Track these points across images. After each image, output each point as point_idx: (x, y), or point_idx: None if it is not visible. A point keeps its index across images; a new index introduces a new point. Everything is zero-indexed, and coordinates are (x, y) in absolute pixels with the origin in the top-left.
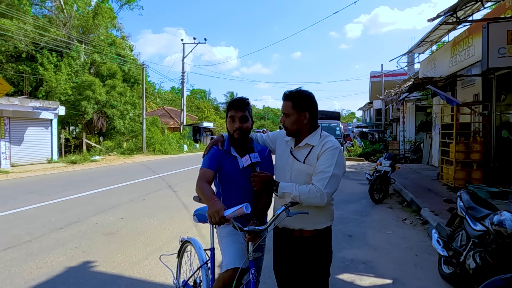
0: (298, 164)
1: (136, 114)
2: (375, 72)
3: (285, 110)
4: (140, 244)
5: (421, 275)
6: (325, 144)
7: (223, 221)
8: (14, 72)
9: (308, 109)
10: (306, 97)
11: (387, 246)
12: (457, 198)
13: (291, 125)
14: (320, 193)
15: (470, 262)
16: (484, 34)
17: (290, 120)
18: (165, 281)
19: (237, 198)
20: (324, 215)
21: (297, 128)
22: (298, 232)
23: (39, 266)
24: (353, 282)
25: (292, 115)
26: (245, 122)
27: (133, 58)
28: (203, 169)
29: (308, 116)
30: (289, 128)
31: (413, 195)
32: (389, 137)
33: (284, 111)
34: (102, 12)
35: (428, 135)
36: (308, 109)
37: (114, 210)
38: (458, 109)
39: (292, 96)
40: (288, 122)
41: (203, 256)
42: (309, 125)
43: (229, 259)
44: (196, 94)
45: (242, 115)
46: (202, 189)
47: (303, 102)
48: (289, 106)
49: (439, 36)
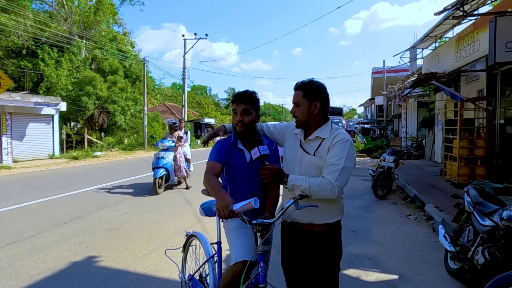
0: (307, 157)
1: (137, 110)
2: (377, 68)
3: (296, 99)
4: (144, 239)
5: (427, 270)
6: (336, 137)
7: (231, 215)
8: (15, 67)
9: (319, 99)
10: (318, 87)
11: (392, 242)
12: (464, 193)
13: (301, 115)
14: (331, 186)
15: (478, 257)
16: (492, 28)
17: (300, 110)
18: (170, 276)
19: (244, 191)
20: (334, 209)
21: (307, 119)
22: (308, 226)
23: (44, 260)
24: (359, 277)
25: (302, 104)
26: (247, 115)
27: (135, 54)
28: (210, 162)
29: (319, 106)
30: (299, 119)
31: (417, 191)
32: (391, 133)
33: (295, 101)
34: (103, 8)
35: (431, 131)
36: (319, 99)
37: (117, 206)
38: (463, 105)
39: (304, 85)
40: (298, 112)
41: (209, 250)
42: (320, 117)
43: (238, 252)
44: (197, 91)
45: (244, 108)
46: (210, 182)
47: (315, 91)
48: (300, 95)
49: (444, 31)
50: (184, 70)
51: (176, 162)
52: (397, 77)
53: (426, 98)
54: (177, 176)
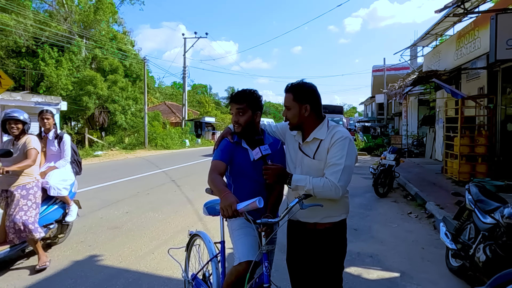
0: (308, 160)
1: (138, 109)
2: (377, 66)
3: (286, 103)
4: (145, 238)
5: (429, 268)
6: (334, 136)
7: (236, 214)
8: (15, 67)
9: (309, 101)
10: (307, 88)
11: (393, 240)
12: (466, 191)
13: (292, 118)
14: (335, 187)
15: (480, 255)
16: (492, 25)
17: (291, 113)
18: (172, 274)
19: (248, 191)
20: (339, 208)
21: (299, 121)
22: (312, 224)
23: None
24: (360, 275)
25: (293, 107)
26: (242, 115)
27: (135, 53)
28: (215, 161)
29: (309, 108)
30: (291, 122)
31: (418, 189)
32: (391, 131)
33: (286, 104)
34: (103, 7)
35: (431, 129)
36: (309, 101)
37: (119, 204)
38: (464, 103)
39: (293, 88)
40: (289, 115)
41: (212, 250)
42: (312, 118)
43: (242, 252)
44: (197, 90)
45: (238, 107)
46: (214, 181)
47: (304, 94)
48: (290, 98)
49: (444, 28)
50: (184, 69)
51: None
52: (398, 75)
53: (426, 96)
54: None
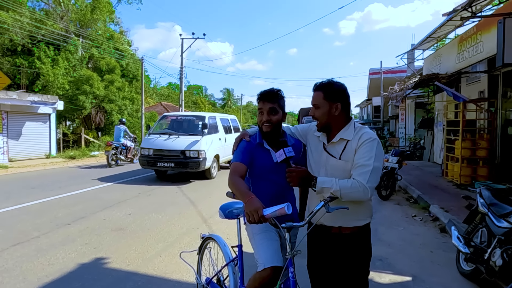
0: (333, 161)
1: (134, 109)
2: (374, 69)
3: (315, 101)
4: (151, 240)
5: (439, 272)
6: (362, 136)
7: (262, 220)
8: (10, 65)
9: (340, 100)
10: (338, 87)
11: (400, 243)
12: (477, 194)
13: (321, 116)
14: (363, 188)
15: (496, 259)
16: (500, 29)
17: (320, 112)
18: (181, 278)
19: (268, 193)
20: (364, 211)
21: (328, 121)
22: (336, 228)
23: (51, 262)
24: (372, 279)
25: (323, 106)
26: (274, 114)
27: (131, 53)
28: (235, 163)
29: (340, 107)
30: (320, 121)
31: (420, 192)
32: (387, 134)
33: (314, 103)
34: (100, 6)
35: (430, 132)
36: (340, 99)
37: (121, 206)
38: (465, 106)
39: (324, 86)
40: (318, 114)
41: (229, 253)
42: (341, 118)
43: (266, 257)
44: (193, 90)
45: (271, 107)
46: (236, 185)
47: (335, 92)
48: (320, 96)
49: (446, 32)
50: (181, 69)
51: None
52: (395, 78)
53: (425, 99)
54: None
